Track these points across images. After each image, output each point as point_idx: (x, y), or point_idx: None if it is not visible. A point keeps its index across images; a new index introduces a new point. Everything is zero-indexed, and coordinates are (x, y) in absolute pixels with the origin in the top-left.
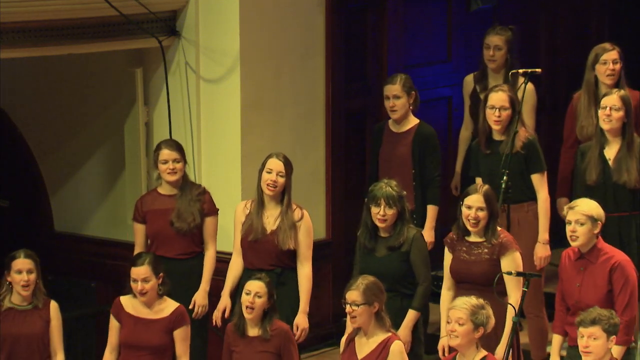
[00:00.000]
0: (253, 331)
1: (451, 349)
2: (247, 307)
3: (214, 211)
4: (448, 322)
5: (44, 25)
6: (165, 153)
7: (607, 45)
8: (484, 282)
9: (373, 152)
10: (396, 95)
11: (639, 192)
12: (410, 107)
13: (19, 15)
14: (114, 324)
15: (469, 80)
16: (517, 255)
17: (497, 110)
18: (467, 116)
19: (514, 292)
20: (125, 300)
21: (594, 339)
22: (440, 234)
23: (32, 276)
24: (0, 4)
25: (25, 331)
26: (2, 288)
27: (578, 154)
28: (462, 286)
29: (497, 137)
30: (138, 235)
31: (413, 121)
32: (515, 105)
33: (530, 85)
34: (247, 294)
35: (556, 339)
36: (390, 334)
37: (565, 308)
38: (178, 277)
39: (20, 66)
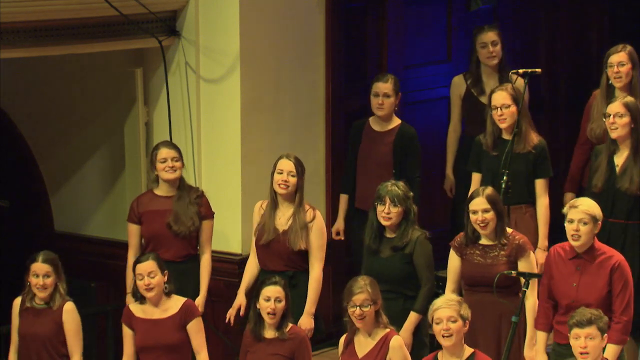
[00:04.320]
0: (269, 333)
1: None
2: (269, 313)
3: (210, 215)
4: (437, 323)
5: (44, 25)
6: (164, 151)
7: (619, 46)
8: (499, 284)
9: (352, 150)
10: (386, 94)
11: (639, 200)
12: (396, 108)
13: (19, 15)
14: (127, 333)
15: (459, 81)
16: (533, 256)
17: (499, 109)
18: (456, 118)
19: (532, 292)
20: (134, 307)
21: (591, 338)
22: (436, 235)
23: (49, 280)
24: (0, 4)
25: (34, 330)
26: (26, 286)
27: (593, 154)
28: (478, 289)
29: (506, 136)
30: (132, 236)
31: (395, 121)
32: (518, 102)
33: (521, 82)
34: (267, 300)
35: (541, 336)
36: (388, 330)
37: (552, 305)
38: (175, 279)
39: (20, 66)
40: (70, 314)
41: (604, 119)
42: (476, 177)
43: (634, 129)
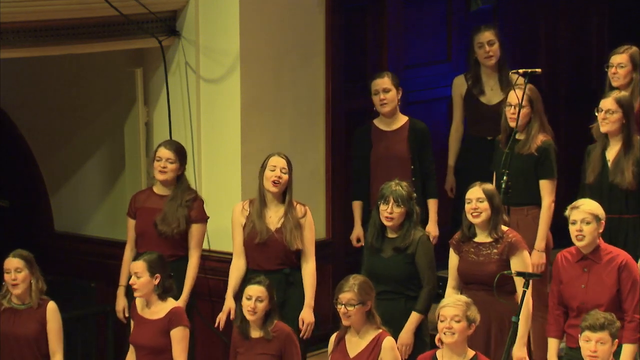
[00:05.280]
0: (255, 333)
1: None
2: (248, 311)
3: (202, 219)
4: (441, 321)
5: (44, 25)
6: (161, 151)
7: (622, 47)
8: (492, 283)
9: (360, 155)
10: (386, 89)
11: (632, 194)
12: (399, 103)
13: (19, 15)
14: (132, 324)
15: (461, 81)
16: (527, 255)
17: (513, 107)
18: (457, 118)
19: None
20: (138, 301)
21: (602, 343)
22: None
23: (21, 275)
24: (0, 4)
25: (17, 331)
26: (3, 288)
27: (585, 153)
28: (471, 287)
29: (517, 135)
30: (130, 230)
31: (403, 118)
32: (533, 103)
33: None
34: (248, 299)
35: (553, 343)
36: (380, 330)
37: (563, 311)
38: None
39: (20, 66)
40: (54, 313)
41: (596, 113)
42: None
43: (625, 125)
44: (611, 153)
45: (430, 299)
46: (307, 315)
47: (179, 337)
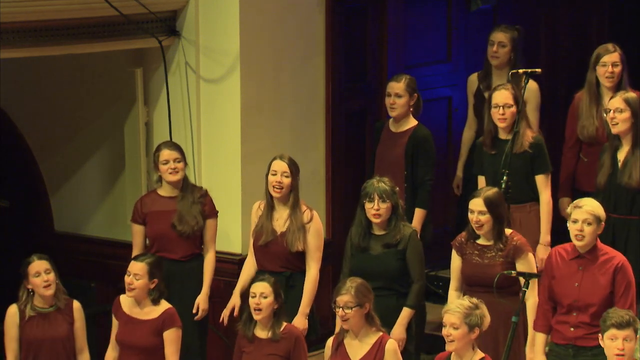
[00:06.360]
0: (262, 333)
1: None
2: (254, 309)
3: (214, 213)
4: (443, 326)
5: (44, 25)
6: (166, 153)
7: (609, 46)
8: (499, 284)
9: (373, 152)
10: (398, 94)
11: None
12: (411, 109)
13: (19, 15)
14: (114, 322)
15: (473, 79)
16: (531, 257)
17: (501, 108)
18: (471, 115)
19: (532, 292)
20: (124, 299)
21: (628, 340)
22: (441, 234)
23: (51, 275)
24: (0, 4)
25: (50, 335)
26: (21, 297)
27: (601, 153)
28: (476, 289)
29: (503, 136)
30: (137, 236)
31: (411, 123)
32: (518, 101)
33: (534, 84)
34: (253, 296)
35: (540, 338)
36: (381, 333)
37: (552, 307)
38: (180, 279)
39: (20, 66)
40: (80, 312)
41: (605, 115)
42: (481, 180)
43: (634, 124)
44: (622, 154)
45: (421, 294)
46: (299, 323)
47: (172, 339)
